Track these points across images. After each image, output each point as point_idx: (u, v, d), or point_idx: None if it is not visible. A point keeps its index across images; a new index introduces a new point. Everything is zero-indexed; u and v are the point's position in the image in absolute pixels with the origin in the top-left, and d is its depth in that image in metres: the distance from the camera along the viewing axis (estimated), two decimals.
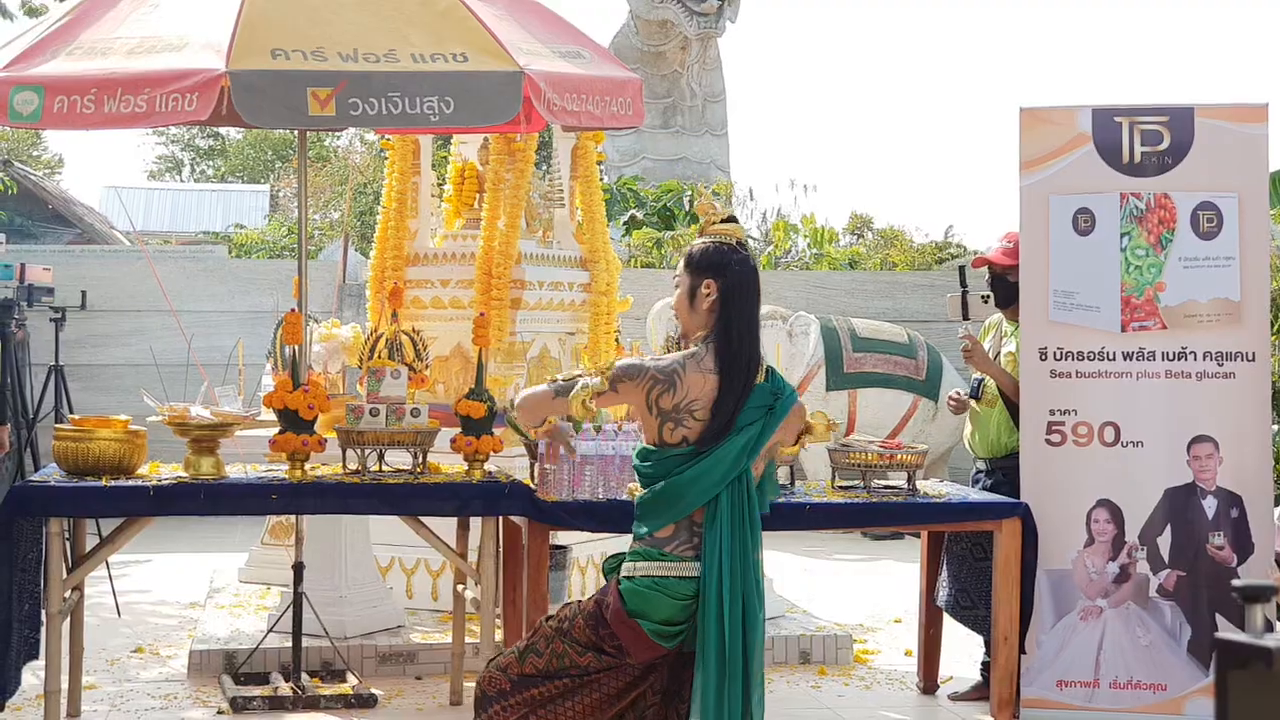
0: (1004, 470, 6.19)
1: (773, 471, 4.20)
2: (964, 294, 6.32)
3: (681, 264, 4.09)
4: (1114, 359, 5.96)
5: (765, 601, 4.02)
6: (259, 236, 20.69)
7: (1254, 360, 5.91)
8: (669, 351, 6.75)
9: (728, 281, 3.98)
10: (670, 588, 3.88)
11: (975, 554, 6.16)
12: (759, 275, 4.06)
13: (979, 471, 6.40)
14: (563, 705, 3.94)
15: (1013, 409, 6.15)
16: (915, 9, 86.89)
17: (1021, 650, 5.82)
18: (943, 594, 6.32)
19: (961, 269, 6.50)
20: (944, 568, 6.34)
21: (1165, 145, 5.99)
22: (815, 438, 4.40)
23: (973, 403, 6.35)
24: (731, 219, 4.14)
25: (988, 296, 6.30)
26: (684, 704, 3.96)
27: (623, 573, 3.97)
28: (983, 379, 6.29)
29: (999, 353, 6.31)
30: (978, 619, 6.17)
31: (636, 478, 4.07)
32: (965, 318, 6.31)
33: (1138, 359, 5.95)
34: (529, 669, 3.95)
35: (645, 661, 3.93)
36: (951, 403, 6.44)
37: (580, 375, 4.08)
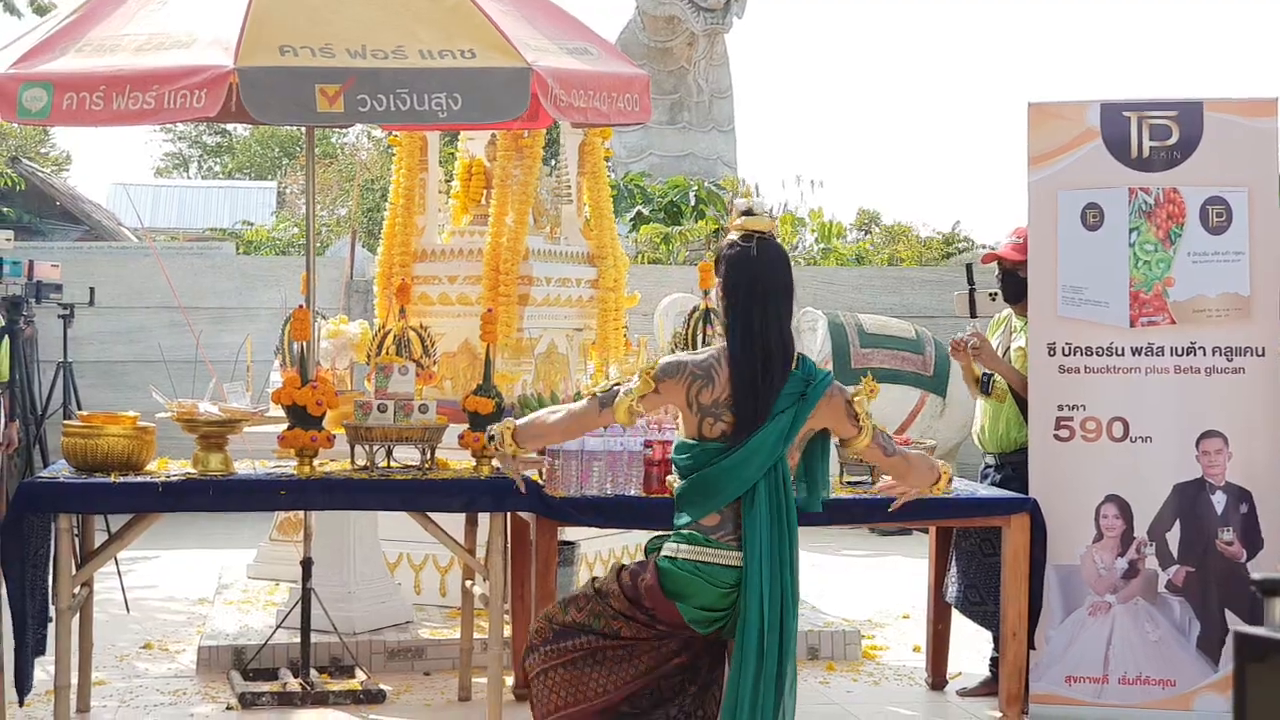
0: (1014, 465, 6.18)
1: (824, 468, 4.21)
2: (971, 291, 6.29)
3: None
4: (1123, 354, 5.95)
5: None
6: (266, 234, 20.70)
7: (1263, 355, 5.90)
8: (676, 346, 6.78)
9: (728, 276, 4.03)
10: (712, 574, 3.92)
11: (984, 550, 6.15)
12: (777, 261, 4.05)
13: (988, 466, 6.39)
14: (589, 670, 4.00)
15: (1022, 405, 6.14)
16: (922, 4, 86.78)
17: (1031, 646, 5.82)
18: (952, 590, 6.32)
19: (968, 266, 6.47)
20: (953, 564, 6.33)
21: (1174, 140, 5.97)
22: (863, 439, 4.17)
23: (982, 398, 6.34)
24: (748, 212, 4.11)
25: (995, 294, 6.27)
26: (721, 691, 4.00)
27: (664, 552, 3.99)
28: (993, 375, 6.27)
29: (1008, 348, 6.29)
30: (987, 615, 6.16)
31: (674, 470, 4.09)
32: (973, 315, 6.28)
33: (1146, 354, 5.94)
34: (570, 619, 4.04)
35: (674, 633, 3.97)
36: (955, 344, 6.27)
37: (616, 385, 4.15)
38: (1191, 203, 5.94)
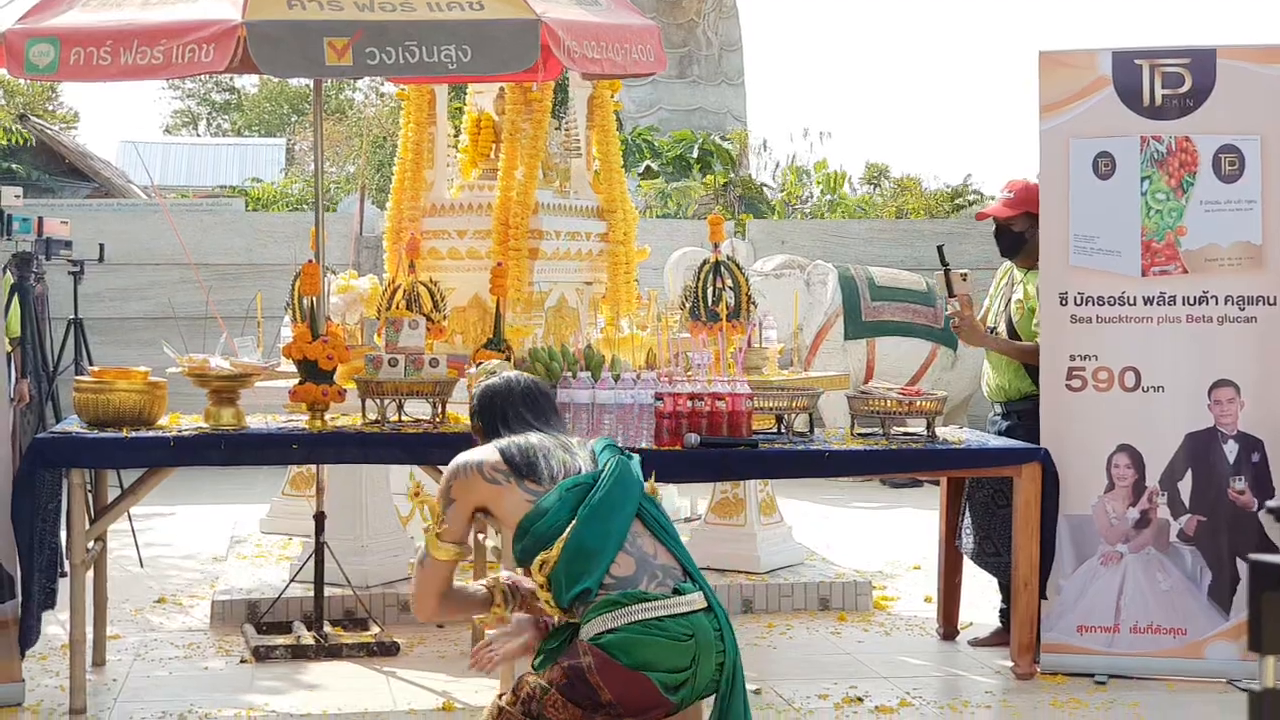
0: (1019, 414, 6.18)
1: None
2: (946, 271, 6.36)
3: None
4: (1134, 303, 5.93)
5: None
6: (276, 190, 20.68)
7: (1275, 304, 5.88)
8: (686, 299, 6.78)
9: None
10: (669, 629, 3.33)
11: (997, 501, 6.15)
12: (508, 392, 3.98)
13: (995, 415, 6.40)
14: None
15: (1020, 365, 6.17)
16: None
17: (1043, 595, 5.83)
18: (967, 542, 6.33)
19: (939, 248, 6.52)
20: (967, 515, 6.34)
21: (1186, 88, 5.93)
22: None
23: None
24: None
25: (965, 273, 6.34)
26: None
27: (590, 633, 3.34)
28: (994, 328, 6.31)
29: (1010, 299, 6.30)
30: (1002, 566, 6.16)
31: (521, 568, 3.56)
32: (951, 294, 6.34)
33: (1158, 303, 5.92)
34: None
35: None
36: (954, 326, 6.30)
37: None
38: (1204, 151, 5.91)
